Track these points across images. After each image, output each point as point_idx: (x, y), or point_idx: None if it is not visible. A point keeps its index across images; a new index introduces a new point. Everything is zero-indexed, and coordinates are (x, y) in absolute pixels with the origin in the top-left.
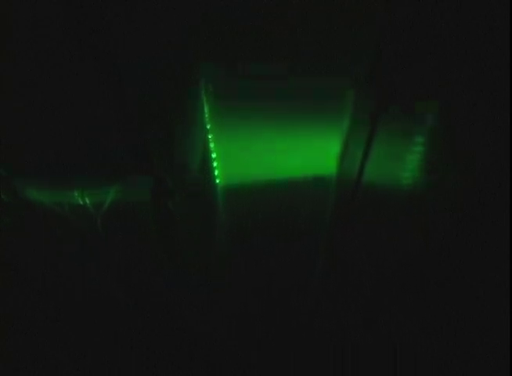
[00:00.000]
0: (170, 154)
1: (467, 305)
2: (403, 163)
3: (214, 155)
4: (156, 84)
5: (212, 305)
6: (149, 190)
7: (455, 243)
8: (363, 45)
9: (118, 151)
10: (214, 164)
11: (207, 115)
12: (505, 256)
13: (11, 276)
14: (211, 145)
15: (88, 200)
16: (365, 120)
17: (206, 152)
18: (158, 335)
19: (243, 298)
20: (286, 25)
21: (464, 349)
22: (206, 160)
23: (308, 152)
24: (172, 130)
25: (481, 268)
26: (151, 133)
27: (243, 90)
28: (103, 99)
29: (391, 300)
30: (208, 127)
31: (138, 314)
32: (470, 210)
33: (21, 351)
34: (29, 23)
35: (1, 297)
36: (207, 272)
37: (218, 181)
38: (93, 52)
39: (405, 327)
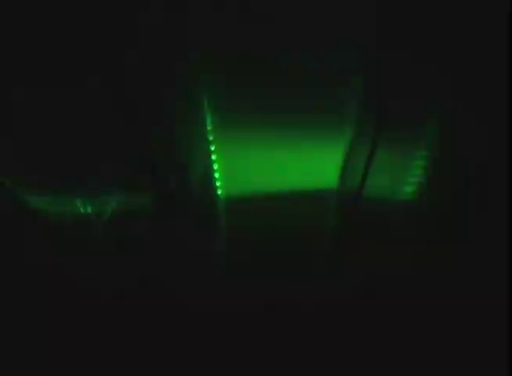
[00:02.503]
0: (172, 165)
1: (470, 331)
2: (405, 175)
3: (216, 167)
4: (158, 94)
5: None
6: (151, 200)
7: (457, 256)
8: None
9: (121, 160)
10: (216, 175)
11: (209, 127)
12: (506, 269)
13: (13, 283)
14: (213, 156)
15: (89, 209)
16: (367, 131)
17: (208, 163)
18: (156, 346)
19: (243, 307)
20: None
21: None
22: (208, 172)
23: (310, 165)
24: (175, 141)
25: (484, 286)
26: (154, 144)
27: (245, 102)
28: (105, 108)
29: (394, 314)
30: (211, 139)
31: (137, 321)
32: (472, 222)
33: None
34: (29, 23)
35: (3, 305)
36: (208, 283)
37: (219, 192)
38: (95, 59)
39: (405, 342)
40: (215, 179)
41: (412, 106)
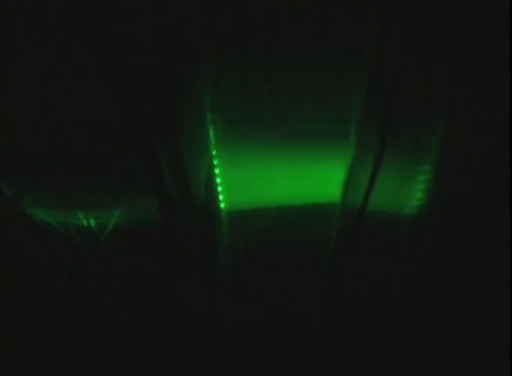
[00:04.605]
0: (176, 178)
1: (470, 343)
2: (408, 191)
3: (219, 180)
4: (162, 108)
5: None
6: (154, 213)
7: (459, 274)
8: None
9: (124, 174)
10: (219, 188)
11: (212, 141)
12: (507, 288)
13: (15, 293)
14: (216, 170)
15: (92, 222)
16: (371, 145)
17: (211, 177)
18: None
19: (246, 317)
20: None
21: None
22: (211, 185)
23: (313, 179)
24: (178, 155)
25: (484, 303)
26: (157, 158)
27: (248, 117)
28: (109, 121)
29: (390, 333)
30: (214, 153)
31: (140, 333)
32: (474, 241)
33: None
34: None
35: (5, 315)
36: (212, 294)
37: (222, 205)
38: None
39: (404, 359)
40: (218, 192)
41: (417, 120)
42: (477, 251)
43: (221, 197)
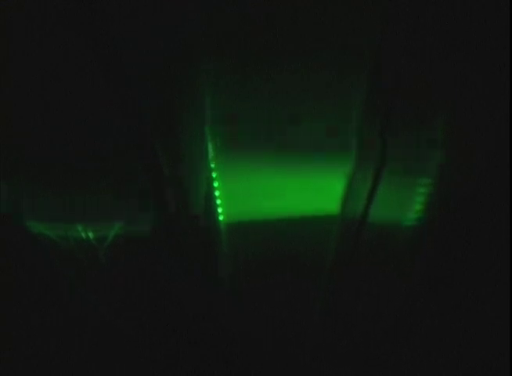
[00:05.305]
0: (174, 191)
1: (470, 357)
2: (408, 204)
3: (217, 193)
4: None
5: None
6: (153, 226)
7: (460, 288)
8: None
9: (123, 186)
10: (218, 201)
11: (211, 154)
12: (508, 302)
13: (14, 306)
14: (215, 183)
15: (91, 235)
16: (371, 157)
17: (210, 190)
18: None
19: (246, 330)
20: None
21: None
22: (210, 198)
23: (313, 191)
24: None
25: (485, 317)
26: (156, 170)
27: (247, 130)
28: (107, 134)
29: (390, 347)
30: (212, 166)
31: (139, 347)
32: (475, 254)
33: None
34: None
35: (3, 329)
36: (211, 308)
37: (221, 218)
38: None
39: (405, 373)
40: (217, 205)
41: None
42: (479, 262)
43: (219, 210)
